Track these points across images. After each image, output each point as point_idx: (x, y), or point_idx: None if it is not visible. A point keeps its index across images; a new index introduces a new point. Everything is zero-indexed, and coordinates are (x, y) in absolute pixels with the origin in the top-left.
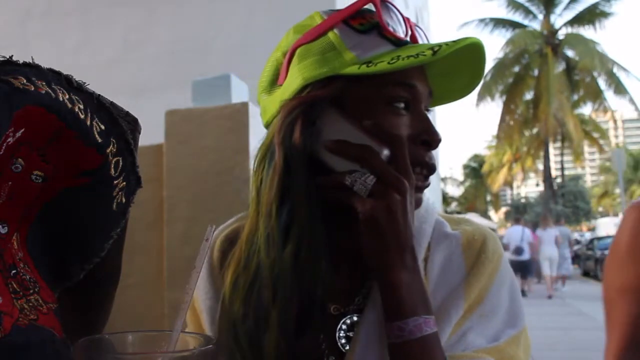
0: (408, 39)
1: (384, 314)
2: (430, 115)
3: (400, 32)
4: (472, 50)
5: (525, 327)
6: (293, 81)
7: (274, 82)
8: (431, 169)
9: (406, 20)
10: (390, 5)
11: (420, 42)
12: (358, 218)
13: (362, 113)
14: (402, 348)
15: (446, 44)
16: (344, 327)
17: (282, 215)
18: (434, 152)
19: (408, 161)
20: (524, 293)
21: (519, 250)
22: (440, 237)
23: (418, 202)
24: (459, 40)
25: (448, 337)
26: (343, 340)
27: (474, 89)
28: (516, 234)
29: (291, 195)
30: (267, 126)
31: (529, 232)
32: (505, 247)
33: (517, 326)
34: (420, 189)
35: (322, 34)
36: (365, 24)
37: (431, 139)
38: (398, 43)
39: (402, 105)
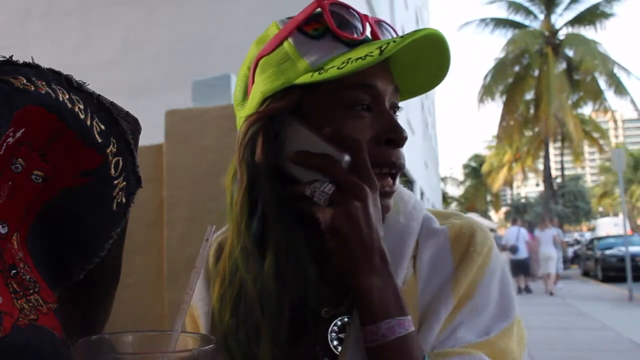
0: (368, 35)
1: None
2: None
3: (356, 31)
4: (432, 41)
5: (518, 318)
6: (254, 96)
7: (245, 96)
8: (398, 168)
9: (363, 17)
10: (343, 6)
11: (383, 37)
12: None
13: (322, 120)
14: (377, 351)
15: (394, 40)
16: (335, 329)
17: (252, 229)
18: (404, 150)
19: (369, 165)
20: (528, 290)
21: (514, 249)
22: (428, 233)
23: (385, 206)
24: (409, 34)
25: (438, 333)
26: (335, 342)
27: (442, 79)
28: (512, 234)
29: (258, 209)
30: None
31: (525, 231)
32: (504, 248)
33: (508, 318)
34: (387, 191)
35: (279, 44)
36: (319, 28)
37: (396, 137)
38: (352, 44)
39: (362, 107)
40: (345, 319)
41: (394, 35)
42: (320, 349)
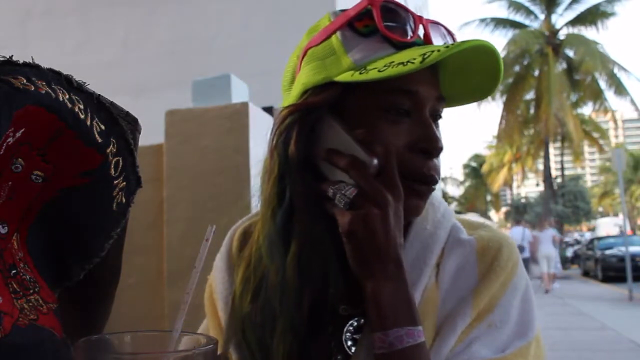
0: (420, 37)
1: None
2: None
3: (407, 33)
4: (483, 49)
5: (537, 336)
6: (296, 86)
7: (291, 83)
8: (429, 181)
9: (417, 19)
10: (396, 5)
11: (436, 41)
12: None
13: (358, 121)
14: (385, 359)
15: (438, 49)
16: (350, 329)
17: (277, 219)
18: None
19: (395, 173)
20: None
21: (521, 249)
22: (455, 243)
23: (415, 211)
24: (456, 44)
25: (453, 346)
26: (349, 342)
27: (494, 88)
28: (517, 234)
29: (285, 200)
30: None
31: (529, 232)
32: None
33: (526, 337)
34: (419, 197)
35: (328, 37)
36: (369, 25)
37: (430, 147)
38: (400, 45)
39: (401, 112)
40: (362, 320)
41: (449, 39)
42: (335, 345)
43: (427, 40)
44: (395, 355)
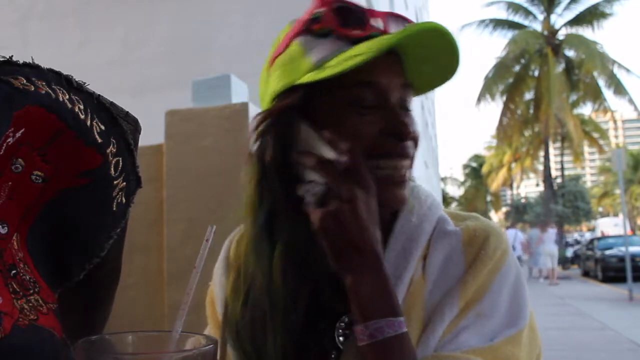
0: (378, 31)
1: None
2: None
3: (362, 28)
4: (437, 33)
5: (530, 324)
6: (267, 94)
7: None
8: (404, 154)
9: (369, 13)
10: (347, 3)
11: (394, 31)
12: None
13: (326, 119)
14: (367, 350)
15: (386, 38)
16: (342, 325)
17: (257, 222)
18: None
19: (363, 167)
20: None
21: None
22: (441, 234)
23: (399, 201)
24: (402, 30)
25: (442, 336)
26: (341, 338)
27: (455, 69)
28: (510, 235)
29: (264, 204)
30: None
31: (521, 233)
32: None
33: (516, 326)
34: (397, 186)
35: (288, 44)
36: (325, 27)
37: (400, 131)
38: (356, 41)
39: (366, 104)
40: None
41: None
42: (329, 342)
43: (386, 32)
44: (377, 347)
